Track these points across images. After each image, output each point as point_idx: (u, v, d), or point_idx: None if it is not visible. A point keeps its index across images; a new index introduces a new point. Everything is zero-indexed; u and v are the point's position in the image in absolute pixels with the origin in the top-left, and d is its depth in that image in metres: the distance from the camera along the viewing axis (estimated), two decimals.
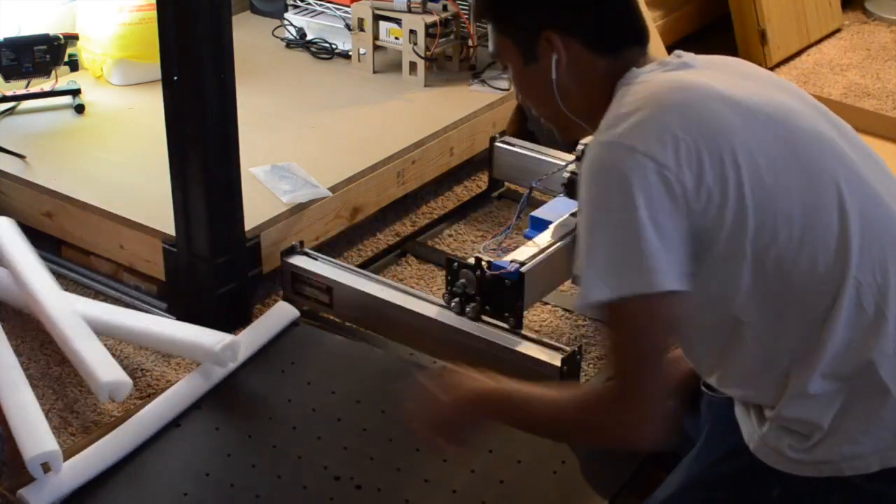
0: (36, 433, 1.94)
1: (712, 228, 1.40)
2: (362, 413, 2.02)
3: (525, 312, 2.23)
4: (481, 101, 3.11)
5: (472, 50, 3.27)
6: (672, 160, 1.38)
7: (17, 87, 3.03)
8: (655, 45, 3.47)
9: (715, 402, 1.66)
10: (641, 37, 1.56)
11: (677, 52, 1.57)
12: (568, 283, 2.50)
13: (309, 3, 3.53)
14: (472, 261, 2.19)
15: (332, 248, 2.73)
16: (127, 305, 2.54)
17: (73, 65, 3.10)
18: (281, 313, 2.33)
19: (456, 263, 2.21)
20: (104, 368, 2.09)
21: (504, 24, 1.57)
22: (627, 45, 1.54)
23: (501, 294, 2.18)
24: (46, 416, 2.18)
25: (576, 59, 1.53)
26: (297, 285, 2.44)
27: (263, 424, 2.01)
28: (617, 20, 1.54)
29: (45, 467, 1.88)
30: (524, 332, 2.19)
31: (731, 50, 3.90)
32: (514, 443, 1.89)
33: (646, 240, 1.36)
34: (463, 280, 2.20)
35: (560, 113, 1.58)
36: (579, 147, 2.68)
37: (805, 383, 1.44)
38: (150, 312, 2.51)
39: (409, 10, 3.16)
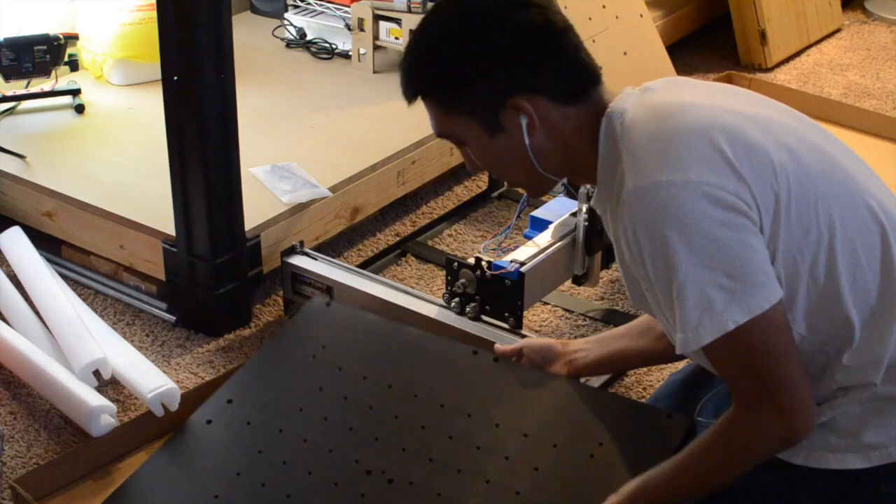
0: (86, 344, 2.14)
1: (772, 240, 1.40)
2: (394, 399, 1.96)
3: (525, 312, 2.23)
4: None
5: None
6: (726, 179, 1.36)
7: (17, 87, 3.03)
8: (655, 45, 3.47)
9: None
10: (598, 74, 1.52)
11: (625, 88, 1.55)
12: (568, 283, 2.50)
13: (309, 3, 3.53)
14: (472, 261, 2.19)
15: (332, 248, 2.73)
16: (127, 305, 2.55)
17: (73, 65, 3.10)
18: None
19: (456, 263, 2.21)
20: (150, 378, 2.12)
21: (459, 102, 1.50)
22: (591, 86, 1.50)
23: (501, 294, 2.18)
24: (46, 415, 2.19)
25: (547, 118, 1.48)
26: (297, 285, 2.44)
27: (294, 417, 1.95)
28: (575, 66, 1.49)
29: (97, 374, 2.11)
30: (524, 332, 2.19)
31: (732, 50, 3.90)
32: (549, 427, 1.85)
33: (739, 260, 1.35)
34: (463, 280, 2.20)
35: (535, 174, 1.53)
36: None
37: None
38: (150, 312, 2.52)
39: (410, 10, 3.16)
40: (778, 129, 1.45)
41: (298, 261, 2.44)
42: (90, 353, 2.13)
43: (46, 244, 2.67)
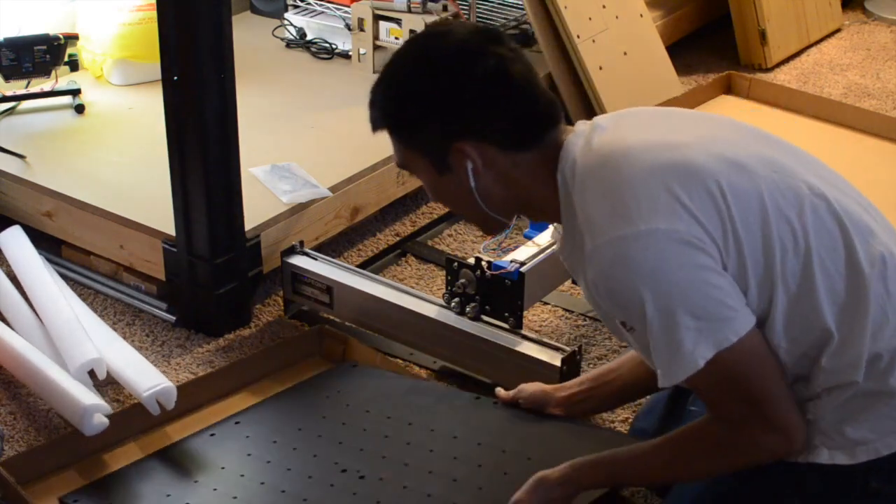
0: (81, 345, 2.15)
1: (739, 264, 1.43)
2: (387, 444, 1.97)
3: (525, 312, 2.23)
4: None
5: None
6: (678, 222, 1.39)
7: (17, 87, 3.03)
8: (655, 45, 3.47)
9: None
10: (556, 114, 1.54)
11: (579, 122, 1.57)
12: (568, 283, 2.50)
13: (309, 3, 3.53)
14: (472, 261, 2.19)
15: (332, 248, 2.73)
16: (127, 305, 2.55)
17: (73, 65, 3.10)
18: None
19: (456, 263, 2.21)
20: (147, 377, 2.12)
21: (409, 138, 1.55)
22: (546, 131, 1.52)
23: (501, 294, 2.18)
24: (46, 415, 2.19)
25: (493, 163, 1.51)
26: (297, 285, 2.44)
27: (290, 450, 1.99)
28: (527, 112, 1.51)
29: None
30: (524, 332, 2.19)
31: (732, 50, 3.90)
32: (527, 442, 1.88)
33: (702, 300, 1.40)
34: (463, 280, 2.20)
35: (483, 214, 1.57)
36: None
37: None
38: (151, 312, 2.52)
39: (409, 10, 3.16)
40: (723, 147, 1.48)
41: (298, 261, 2.44)
42: (85, 353, 2.13)
43: (46, 244, 2.67)
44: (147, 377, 2.11)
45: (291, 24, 3.51)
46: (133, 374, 2.13)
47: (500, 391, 1.98)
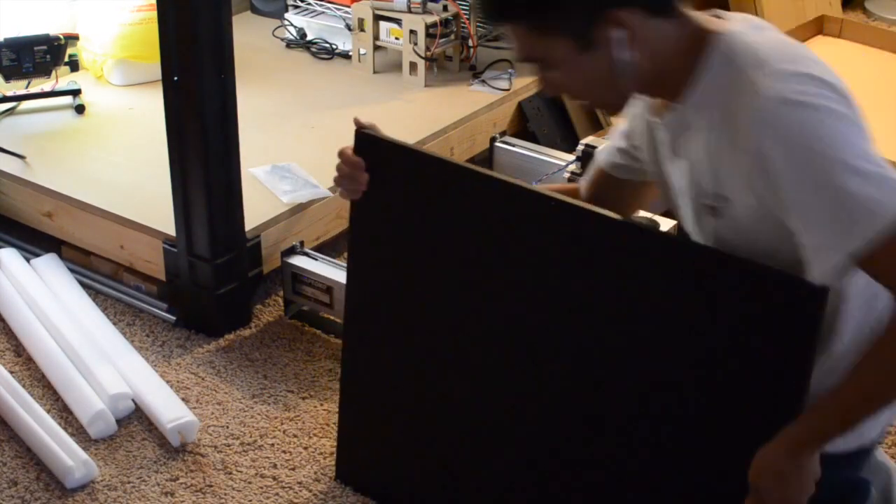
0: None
1: None
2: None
3: None
4: (481, 101, 3.11)
5: (472, 50, 3.27)
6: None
7: (17, 88, 3.03)
8: None
9: None
10: None
11: (721, 14, 1.49)
12: None
13: (309, 4, 3.53)
14: None
15: (332, 248, 2.73)
16: (127, 305, 2.55)
17: (74, 65, 3.10)
18: None
19: None
20: (171, 409, 2.17)
21: (546, 19, 1.42)
22: (681, 1, 1.45)
23: None
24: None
25: (642, 31, 1.42)
26: (297, 285, 2.44)
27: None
28: None
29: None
30: None
31: None
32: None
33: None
34: None
35: (620, 93, 1.49)
36: (579, 147, 2.68)
37: None
38: (151, 312, 2.52)
39: (410, 11, 3.16)
40: None
41: (298, 261, 2.44)
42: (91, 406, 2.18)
43: (46, 244, 2.67)
44: (171, 409, 2.17)
45: (292, 25, 3.51)
46: (158, 405, 2.19)
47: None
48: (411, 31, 3.15)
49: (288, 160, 2.75)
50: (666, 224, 2.32)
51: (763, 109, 1.36)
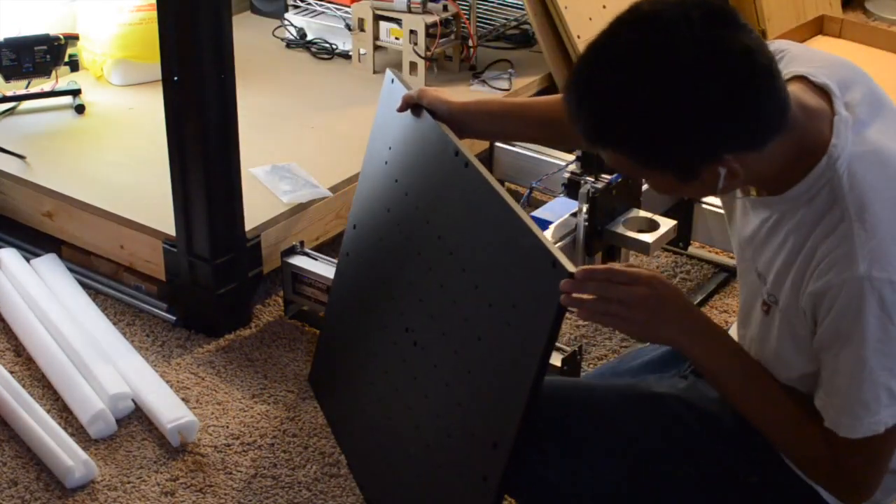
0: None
1: None
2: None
3: None
4: None
5: (472, 50, 3.27)
6: None
7: (17, 88, 3.03)
8: None
9: None
10: (790, 101, 1.33)
11: (818, 79, 1.39)
12: None
13: (309, 4, 3.53)
14: None
15: (332, 248, 2.72)
16: (127, 305, 2.55)
17: (74, 65, 3.10)
18: None
19: None
20: (171, 410, 2.18)
21: (657, 157, 1.33)
22: (783, 120, 1.32)
23: None
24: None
25: (748, 165, 1.33)
26: (297, 285, 2.44)
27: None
28: (777, 106, 1.31)
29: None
30: None
31: None
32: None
33: None
34: None
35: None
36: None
37: None
38: (151, 312, 2.52)
39: (410, 10, 3.16)
40: None
41: (298, 261, 2.44)
42: (91, 406, 2.18)
43: (46, 244, 2.67)
44: (171, 409, 2.17)
45: (292, 25, 3.51)
46: (158, 405, 2.19)
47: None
48: (411, 31, 3.15)
49: (288, 160, 2.75)
50: (665, 224, 2.31)
51: (854, 283, 1.31)
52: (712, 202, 2.56)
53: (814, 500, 1.49)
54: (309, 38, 3.48)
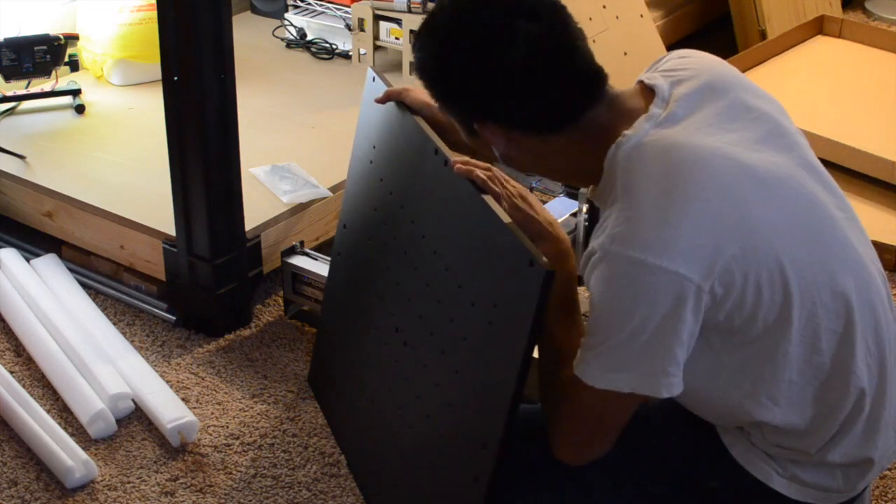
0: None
1: (742, 323, 1.38)
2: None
3: None
4: None
5: None
6: (701, 275, 1.33)
7: (17, 88, 3.03)
8: (655, 45, 3.47)
9: None
10: (594, 89, 1.44)
11: (653, 81, 1.48)
12: None
13: (309, 4, 3.53)
14: None
15: (331, 248, 2.72)
16: (127, 305, 2.55)
17: (74, 65, 3.10)
18: None
19: None
20: (171, 410, 2.18)
21: (446, 105, 1.53)
22: (580, 112, 1.44)
23: None
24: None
25: (519, 142, 1.48)
26: (297, 285, 2.44)
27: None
28: (558, 101, 1.44)
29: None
30: None
31: (732, 50, 3.90)
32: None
33: (664, 355, 1.35)
34: None
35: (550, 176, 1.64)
36: None
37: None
38: (151, 312, 2.52)
39: (410, 10, 3.16)
40: (789, 185, 1.41)
41: (298, 261, 2.44)
42: (91, 406, 2.18)
43: (46, 244, 2.67)
44: (171, 409, 2.17)
45: (291, 25, 3.51)
46: (158, 405, 2.19)
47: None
48: (411, 31, 3.15)
49: (288, 160, 2.75)
50: None
51: (600, 254, 1.39)
52: None
53: (777, 500, 1.48)
54: (309, 38, 3.48)
